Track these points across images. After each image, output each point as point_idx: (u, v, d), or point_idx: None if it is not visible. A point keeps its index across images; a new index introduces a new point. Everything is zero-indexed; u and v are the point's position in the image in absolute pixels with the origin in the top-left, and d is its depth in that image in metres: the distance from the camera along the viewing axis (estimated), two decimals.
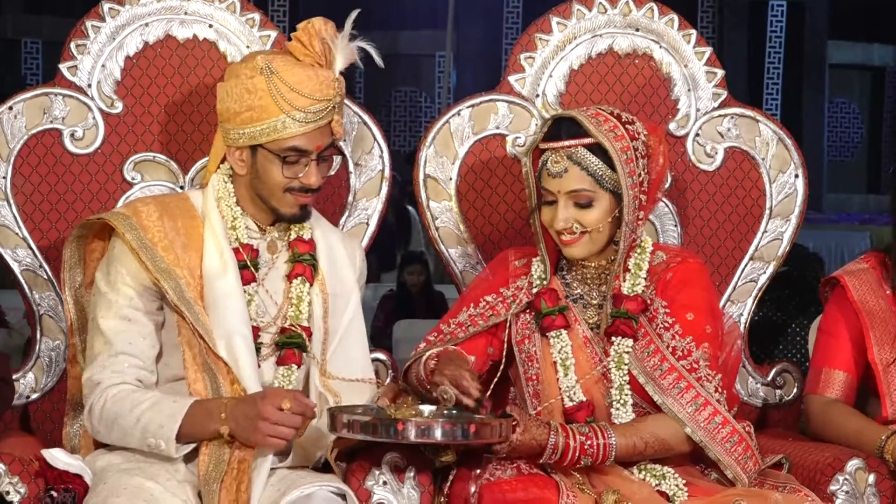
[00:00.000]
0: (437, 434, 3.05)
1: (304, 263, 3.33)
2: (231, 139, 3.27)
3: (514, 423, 3.10)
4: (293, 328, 3.30)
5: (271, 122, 3.20)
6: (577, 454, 3.13)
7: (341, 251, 3.42)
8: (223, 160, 3.35)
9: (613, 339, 3.27)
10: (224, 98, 3.26)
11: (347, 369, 3.34)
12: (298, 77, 3.21)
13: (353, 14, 3.30)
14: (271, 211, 3.30)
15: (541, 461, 3.14)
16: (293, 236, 3.35)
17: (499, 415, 3.15)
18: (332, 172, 3.37)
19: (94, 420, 3.19)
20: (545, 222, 3.31)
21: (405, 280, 10.03)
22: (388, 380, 3.58)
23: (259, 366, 3.25)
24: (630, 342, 3.26)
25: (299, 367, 3.29)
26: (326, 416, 3.10)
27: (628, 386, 3.25)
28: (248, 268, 3.28)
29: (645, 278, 3.33)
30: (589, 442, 3.14)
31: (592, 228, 3.26)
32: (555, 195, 3.26)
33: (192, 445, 3.12)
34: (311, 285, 3.33)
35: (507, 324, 3.38)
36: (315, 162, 3.24)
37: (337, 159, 3.35)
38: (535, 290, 3.36)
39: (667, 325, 3.27)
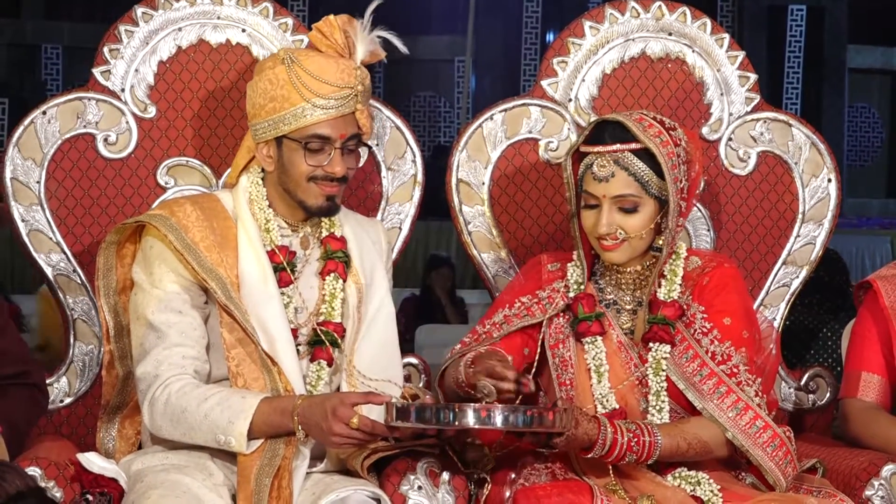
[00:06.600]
0: (498, 420, 2.91)
1: (337, 260, 3.32)
2: (258, 135, 3.27)
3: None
4: (324, 326, 3.29)
5: (293, 109, 3.21)
6: (623, 450, 3.11)
7: (368, 242, 3.41)
8: (250, 161, 3.34)
9: (651, 345, 3.26)
10: (251, 95, 3.28)
11: (375, 357, 3.33)
12: (319, 65, 3.23)
13: (374, 4, 3.32)
14: (299, 205, 3.29)
15: (588, 456, 3.12)
16: (324, 233, 3.35)
17: (550, 407, 3.08)
18: (360, 165, 3.36)
19: (157, 415, 3.16)
20: (586, 227, 3.29)
21: (432, 283, 9.92)
22: (420, 384, 3.57)
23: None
24: (668, 348, 3.25)
25: (330, 364, 3.29)
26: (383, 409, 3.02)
27: (665, 392, 3.24)
28: (285, 269, 3.28)
29: (680, 284, 3.31)
30: (636, 439, 3.12)
31: (634, 235, 3.25)
32: (598, 199, 3.25)
33: (261, 441, 3.10)
34: (345, 281, 3.33)
35: (542, 327, 3.37)
36: (339, 150, 3.24)
37: (364, 152, 3.34)
38: (571, 295, 3.35)
39: (704, 329, 3.26)
